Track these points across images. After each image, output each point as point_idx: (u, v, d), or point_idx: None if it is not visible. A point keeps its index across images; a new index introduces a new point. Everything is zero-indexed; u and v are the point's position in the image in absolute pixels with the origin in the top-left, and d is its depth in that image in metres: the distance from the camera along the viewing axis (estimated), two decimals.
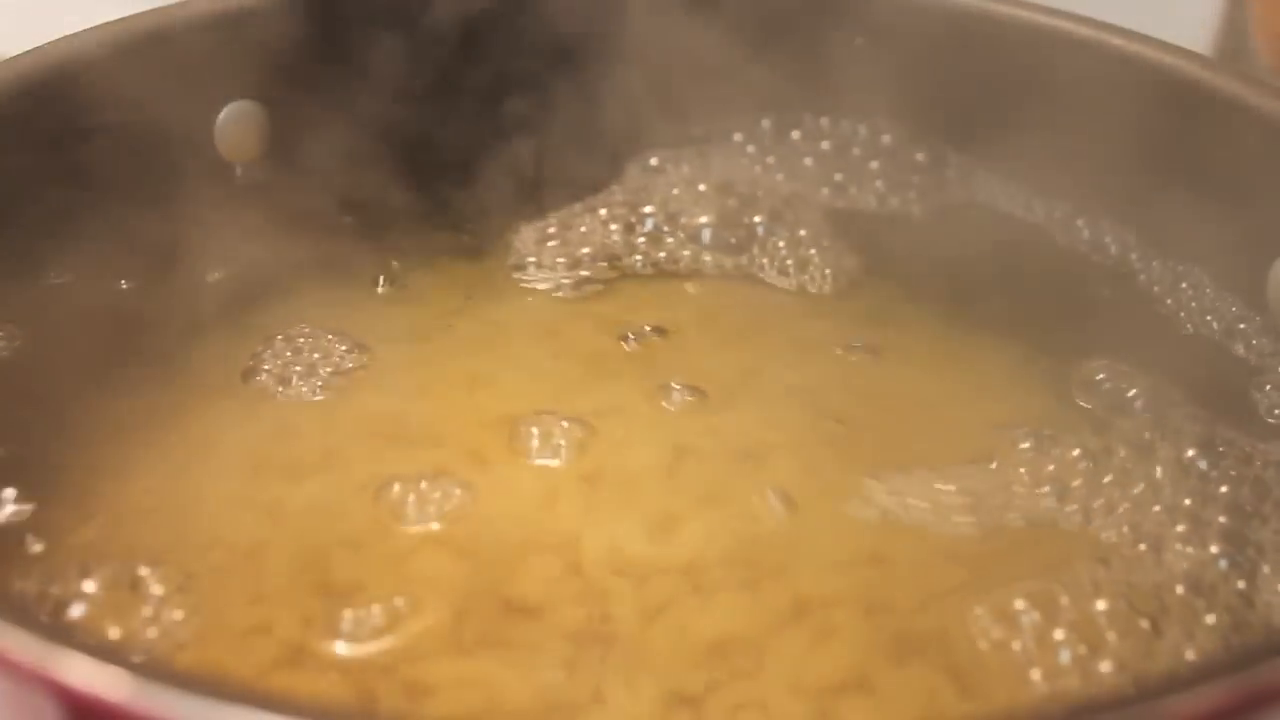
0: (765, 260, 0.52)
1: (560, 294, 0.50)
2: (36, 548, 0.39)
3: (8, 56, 0.46)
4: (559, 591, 0.39)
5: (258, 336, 0.47)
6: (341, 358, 0.46)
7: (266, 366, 0.46)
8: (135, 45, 0.47)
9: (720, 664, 0.37)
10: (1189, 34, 0.66)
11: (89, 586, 0.37)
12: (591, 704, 0.36)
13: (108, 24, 0.47)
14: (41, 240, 0.45)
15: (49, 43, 0.46)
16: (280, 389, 0.45)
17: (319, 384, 0.46)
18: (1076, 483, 0.42)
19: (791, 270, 0.51)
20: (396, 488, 0.41)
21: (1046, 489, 0.42)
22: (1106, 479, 0.42)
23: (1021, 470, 0.42)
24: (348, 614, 0.37)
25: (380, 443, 0.44)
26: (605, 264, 0.51)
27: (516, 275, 0.51)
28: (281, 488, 0.42)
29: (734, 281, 0.52)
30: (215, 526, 0.41)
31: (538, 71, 0.54)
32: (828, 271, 0.51)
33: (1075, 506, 0.41)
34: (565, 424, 0.44)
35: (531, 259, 0.51)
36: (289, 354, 0.46)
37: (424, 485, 0.41)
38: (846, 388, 0.46)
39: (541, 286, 0.51)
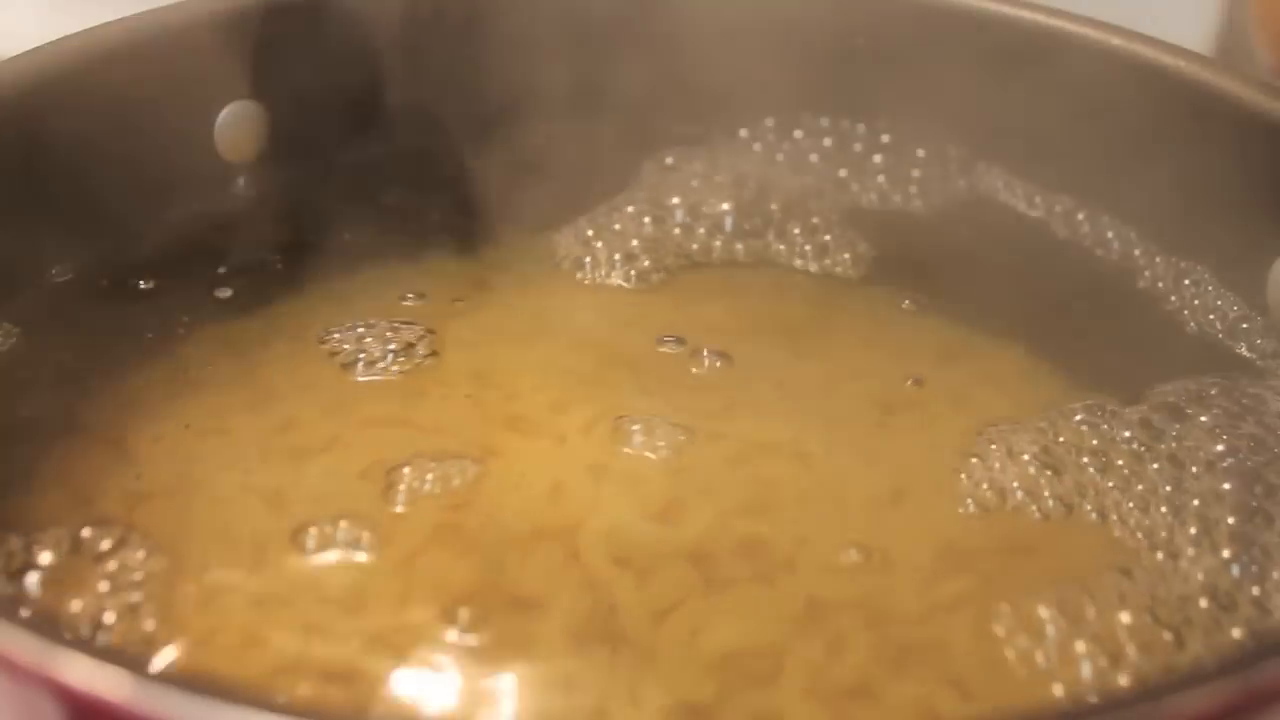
0: (783, 246, 0.52)
1: (630, 286, 0.50)
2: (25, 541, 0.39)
3: (8, 56, 0.46)
4: (568, 580, 0.39)
5: (270, 334, 0.47)
6: (351, 356, 0.46)
7: (333, 353, 0.46)
8: (135, 45, 0.47)
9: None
10: (1189, 34, 0.67)
11: (89, 584, 0.37)
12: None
13: (107, 24, 0.47)
14: (41, 240, 0.45)
15: (49, 43, 0.46)
16: (290, 385, 0.45)
17: (329, 384, 0.46)
18: (1079, 481, 0.42)
19: (811, 254, 0.51)
20: (415, 481, 0.41)
21: (1048, 488, 0.42)
22: (1109, 477, 0.42)
23: (1025, 466, 0.42)
24: (350, 609, 0.37)
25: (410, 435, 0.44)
26: (653, 254, 0.51)
27: (578, 275, 0.51)
28: (287, 477, 0.42)
29: (763, 268, 0.52)
30: (222, 519, 0.41)
31: (549, 67, 0.54)
32: (846, 256, 0.51)
33: (1087, 506, 0.41)
34: (621, 419, 0.44)
35: (587, 258, 0.51)
36: (300, 351, 0.46)
37: (436, 478, 0.41)
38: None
39: (612, 282, 0.50)
